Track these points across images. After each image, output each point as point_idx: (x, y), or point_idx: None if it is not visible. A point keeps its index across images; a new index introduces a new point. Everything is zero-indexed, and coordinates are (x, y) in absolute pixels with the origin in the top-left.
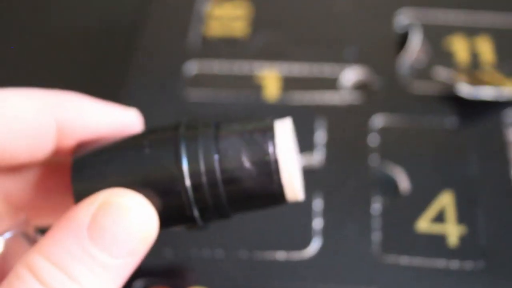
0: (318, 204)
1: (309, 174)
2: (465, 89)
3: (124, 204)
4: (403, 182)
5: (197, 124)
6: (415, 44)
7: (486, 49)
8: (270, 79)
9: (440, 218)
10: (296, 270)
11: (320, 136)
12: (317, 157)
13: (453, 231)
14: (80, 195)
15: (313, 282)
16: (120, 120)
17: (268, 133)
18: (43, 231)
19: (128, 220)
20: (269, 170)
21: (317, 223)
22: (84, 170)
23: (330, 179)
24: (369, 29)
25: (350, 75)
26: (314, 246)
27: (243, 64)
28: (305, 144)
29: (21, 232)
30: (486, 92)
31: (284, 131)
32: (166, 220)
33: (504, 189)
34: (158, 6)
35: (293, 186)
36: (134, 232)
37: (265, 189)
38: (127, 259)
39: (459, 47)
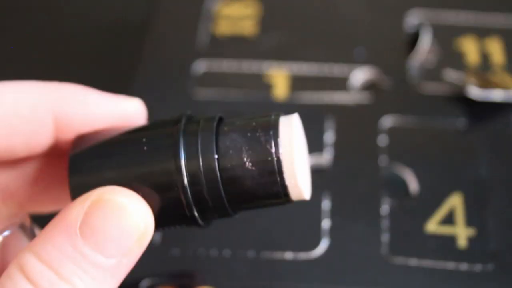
0: (326, 204)
1: (318, 174)
2: (475, 91)
3: (118, 202)
4: (412, 183)
5: (198, 119)
6: (425, 45)
7: (496, 50)
8: (279, 78)
9: (449, 220)
10: (304, 271)
11: (329, 136)
12: (326, 157)
13: (462, 233)
14: (76, 191)
15: (320, 283)
16: (122, 110)
17: (272, 132)
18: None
19: (121, 218)
20: (272, 172)
21: (325, 223)
22: (81, 166)
23: (339, 180)
24: (379, 29)
25: (360, 75)
26: (322, 246)
27: (252, 63)
28: (314, 144)
29: (20, 228)
30: (496, 94)
31: (289, 129)
32: (165, 219)
33: None
34: (168, 5)
35: (298, 187)
36: (128, 231)
37: (268, 190)
38: (121, 259)
39: (469, 48)
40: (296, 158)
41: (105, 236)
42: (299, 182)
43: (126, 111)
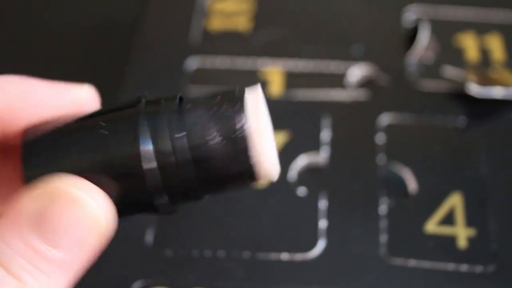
0: (323, 204)
1: (314, 173)
2: (475, 88)
3: (74, 194)
4: (411, 183)
5: (159, 98)
6: (424, 41)
7: (496, 47)
8: (274, 75)
9: (449, 220)
10: (300, 272)
11: (326, 134)
12: (323, 156)
13: (462, 234)
14: (31, 183)
15: (317, 285)
16: (72, 99)
17: (239, 104)
18: None
19: (77, 212)
20: (241, 145)
21: (322, 223)
22: (36, 155)
23: (336, 179)
24: (377, 25)
25: (357, 72)
26: (319, 247)
27: (246, 60)
28: (310, 142)
29: None
30: (496, 91)
31: (255, 101)
32: (129, 207)
33: None
34: (160, 1)
35: (267, 162)
36: (85, 225)
37: (237, 165)
38: (77, 252)
39: (469, 44)
40: (265, 132)
41: (60, 230)
42: (268, 156)
43: (76, 100)
